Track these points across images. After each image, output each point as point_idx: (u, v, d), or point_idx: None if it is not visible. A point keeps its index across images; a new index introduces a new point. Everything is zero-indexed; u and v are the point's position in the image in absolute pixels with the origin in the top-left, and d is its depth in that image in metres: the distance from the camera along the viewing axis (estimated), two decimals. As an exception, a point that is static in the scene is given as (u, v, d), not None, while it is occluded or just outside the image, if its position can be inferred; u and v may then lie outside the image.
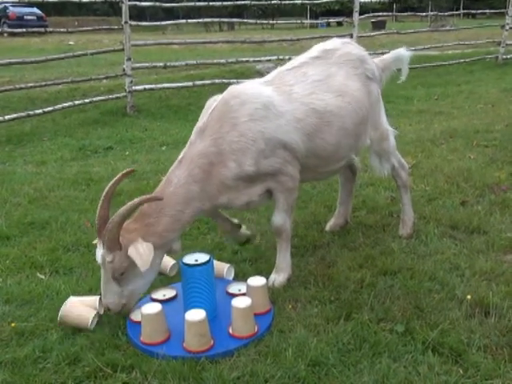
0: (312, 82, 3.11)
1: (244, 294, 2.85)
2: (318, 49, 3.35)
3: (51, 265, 3.46)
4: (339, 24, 26.64)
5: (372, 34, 13.75)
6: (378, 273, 3.21)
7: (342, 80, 3.21)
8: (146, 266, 2.56)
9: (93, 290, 3.11)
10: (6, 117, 7.45)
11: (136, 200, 2.64)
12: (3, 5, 26.04)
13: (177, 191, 2.77)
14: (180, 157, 2.86)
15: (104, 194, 2.68)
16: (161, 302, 2.81)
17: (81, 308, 2.77)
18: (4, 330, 2.75)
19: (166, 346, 2.55)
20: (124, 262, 2.62)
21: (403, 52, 3.68)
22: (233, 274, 3.26)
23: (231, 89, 2.98)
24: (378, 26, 25.25)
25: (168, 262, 3.32)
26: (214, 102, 2.97)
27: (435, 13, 22.33)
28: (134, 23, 8.87)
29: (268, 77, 3.20)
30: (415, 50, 12.90)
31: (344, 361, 2.43)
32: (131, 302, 2.77)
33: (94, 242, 2.75)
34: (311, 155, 3.09)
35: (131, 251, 2.58)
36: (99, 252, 2.64)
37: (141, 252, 2.58)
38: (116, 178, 2.75)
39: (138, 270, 2.60)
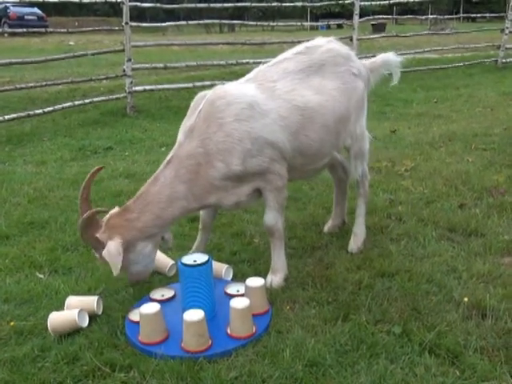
0: (293, 79, 3.13)
1: (242, 295, 2.86)
2: (302, 45, 3.37)
3: (50, 264, 3.48)
4: (339, 26, 26.68)
5: (372, 36, 13.81)
6: (376, 274, 3.23)
7: (320, 77, 3.22)
8: (116, 270, 2.68)
9: (91, 290, 3.13)
10: (6, 117, 7.45)
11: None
12: (4, 5, 26.06)
13: (161, 190, 2.84)
14: (169, 157, 2.90)
15: (80, 197, 2.82)
16: (159, 302, 2.82)
17: (63, 313, 2.78)
18: (3, 328, 2.76)
19: (165, 345, 2.56)
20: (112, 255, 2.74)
21: (392, 57, 3.69)
22: (231, 275, 3.27)
23: (217, 89, 3.01)
24: (378, 28, 25.32)
25: (167, 261, 3.33)
26: (201, 100, 2.99)
27: (435, 16, 22.37)
28: (134, 24, 8.88)
29: (250, 74, 3.21)
30: (415, 53, 12.99)
31: (341, 362, 2.45)
32: (142, 278, 3.02)
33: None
34: (297, 154, 3.11)
35: (104, 253, 2.72)
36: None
37: (112, 253, 2.70)
38: (86, 179, 2.83)
39: (131, 258, 2.84)
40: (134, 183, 5.11)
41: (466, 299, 2.89)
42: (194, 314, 2.52)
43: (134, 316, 2.76)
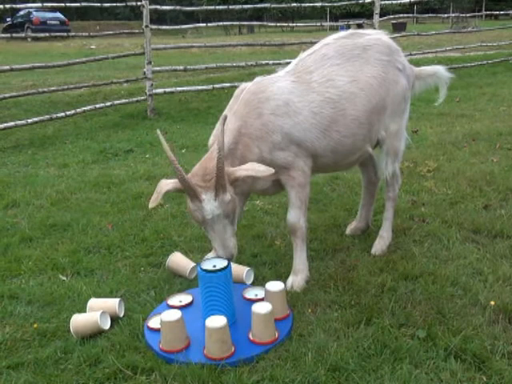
0: (331, 66, 3.13)
1: (261, 299, 2.83)
2: (346, 32, 3.33)
3: (72, 266, 3.50)
4: (359, 26, 26.50)
5: (393, 35, 13.63)
6: (399, 277, 3.18)
7: (361, 61, 3.18)
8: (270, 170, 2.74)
9: (113, 292, 3.14)
10: (29, 120, 7.56)
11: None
12: (27, 10, 26.49)
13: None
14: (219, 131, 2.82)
15: (172, 158, 2.68)
16: (177, 308, 2.80)
17: (85, 315, 2.79)
18: (26, 330, 2.78)
19: (187, 353, 2.52)
20: (233, 200, 2.77)
21: (443, 71, 3.61)
22: (252, 278, 3.25)
23: (257, 82, 3.11)
24: (399, 28, 25.07)
25: (188, 264, 3.33)
26: (240, 92, 3.09)
27: (457, 14, 22.06)
28: (154, 27, 8.94)
29: (291, 64, 3.22)
30: (436, 51, 12.83)
31: (364, 366, 2.41)
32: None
33: (201, 197, 2.70)
34: (328, 152, 3.11)
35: (247, 169, 2.75)
36: (210, 204, 2.70)
37: (253, 167, 2.75)
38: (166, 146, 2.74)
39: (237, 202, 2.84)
40: (154, 185, 5.08)
41: (492, 303, 2.82)
42: (217, 321, 2.49)
43: (154, 323, 2.74)
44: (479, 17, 26.11)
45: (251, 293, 3.01)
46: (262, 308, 2.59)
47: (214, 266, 2.75)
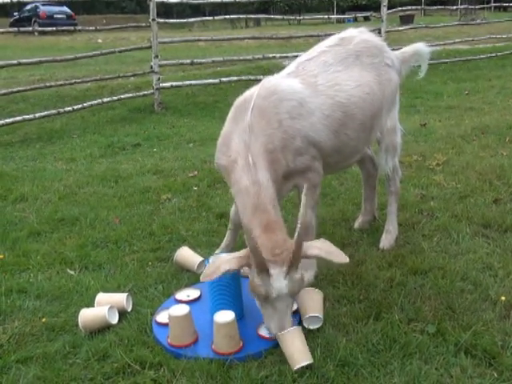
0: (334, 72, 3.07)
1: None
2: (335, 37, 3.30)
3: (80, 261, 3.50)
4: (366, 19, 26.29)
5: (400, 28, 13.54)
6: (408, 272, 3.16)
7: (359, 68, 3.16)
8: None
9: (121, 287, 3.13)
10: (37, 114, 7.58)
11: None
12: (34, 4, 26.49)
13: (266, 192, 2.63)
14: (243, 161, 2.66)
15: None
16: (185, 303, 2.80)
17: (93, 310, 2.79)
18: (35, 325, 2.78)
19: (195, 348, 2.52)
20: (302, 278, 2.51)
21: (423, 47, 3.61)
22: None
23: (266, 84, 2.91)
24: (406, 20, 24.82)
25: (196, 258, 3.32)
26: (244, 102, 2.83)
27: (465, 6, 21.83)
28: (161, 20, 8.91)
29: (290, 68, 3.14)
30: (444, 44, 12.70)
31: (373, 361, 2.39)
32: None
33: (271, 272, 2.39)
34: (334, 153, 3.07)
35: (320, 248, 2.48)
36: (279, 281, 2.38)
37: (324, 246, 2.50)
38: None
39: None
40: (162, 179, 5.12)
41: (503, 298, 2.79)
42: (225, 316, 2.49)
43: (162, 318, 2.72)
44: (488, 9, 25.85)
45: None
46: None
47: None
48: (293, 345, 2.38)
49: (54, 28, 9.44)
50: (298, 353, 2.36)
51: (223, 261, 2.45)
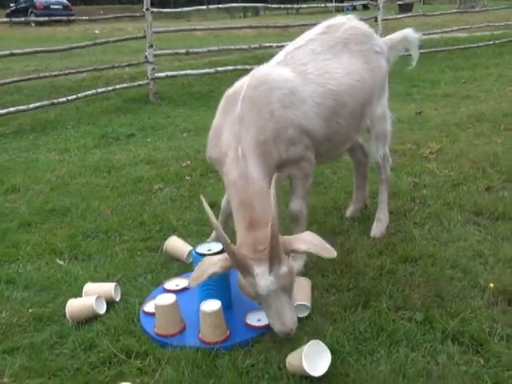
0: (323, 60, 3.03)
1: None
2: (322, 25, 3.26)
3: (70, 251, 3.49)
4: (365, 7, 26.10)
5: (398, 16, 13.46)
6: (398, 260, 3.14)
7: (348, 56, 3.13)
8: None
9: (110, 277, 3.13)
10: (31, 105, 7.53)
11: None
12: (30, -6, 26.34)
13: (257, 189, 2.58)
14: (232, 154, 2.61)
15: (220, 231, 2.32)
16: (174, 292, 2.79)
17: (81, 300, 2.78)
18: (22, 315, 2.77)
19: (182, 337, 2.52)
20: (291, 272, 2.42)
21: (411, 33, 3.59)
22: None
23: (256, 73, 2.85)
24: (405, 8, 24.62)
25: (186, 248, 3.31)
26: (234, 94, 2.79)
27: (465, -7, 21.65)
28: (155, 10, 8.84)
29: (279, 56, 3.09)
30: (442, 32, 12.62)
31: (360, 349, 2.39)
32: None
33: (254, 271, 2.33)
34: (325, 141, 3.03)
35: (305, 242, 2.42)
36: (265, 279, 2.31)
37: (312, 240, 2.42)
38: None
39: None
40: (154, 169, 5.10)
41: (491, 285, 2.78)
42: (211, 305, 2.48)
43: (149, 307, 2.72)
44: (487, -4, 25.61)
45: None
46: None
47: (209, 250, 2.72)
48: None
49: (47, 18, 9.36)
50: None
51: (209, 264, 2.41)
